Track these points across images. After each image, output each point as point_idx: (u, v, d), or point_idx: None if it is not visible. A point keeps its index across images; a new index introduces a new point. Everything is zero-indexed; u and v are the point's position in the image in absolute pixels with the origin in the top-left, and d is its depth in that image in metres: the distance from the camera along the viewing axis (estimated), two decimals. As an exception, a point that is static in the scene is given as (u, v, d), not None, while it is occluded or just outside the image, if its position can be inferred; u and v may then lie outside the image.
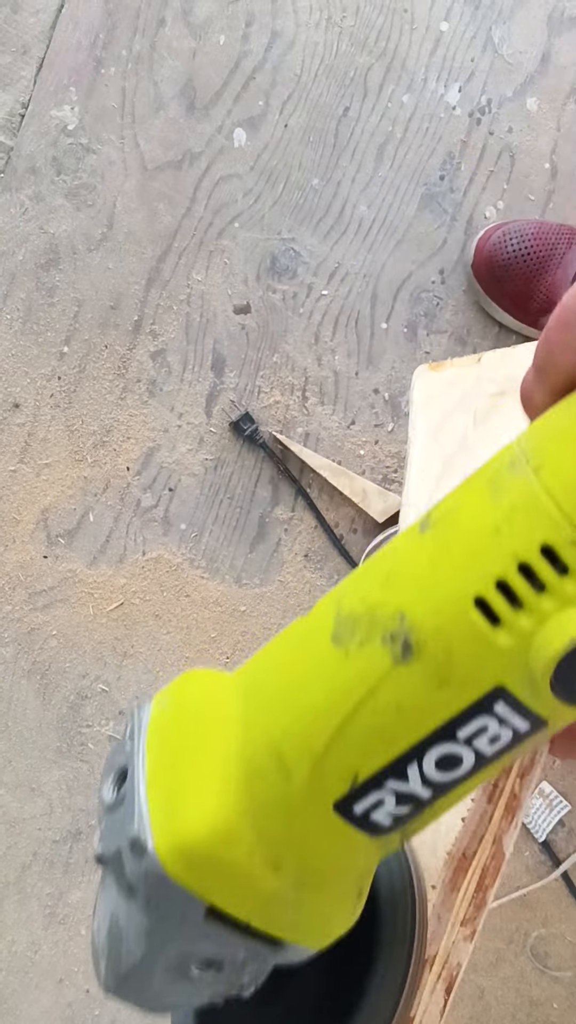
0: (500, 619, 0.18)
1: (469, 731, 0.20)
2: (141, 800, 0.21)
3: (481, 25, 0.90)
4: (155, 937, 0.22)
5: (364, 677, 0.20)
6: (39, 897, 0.86)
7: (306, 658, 0.21)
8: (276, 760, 0.21)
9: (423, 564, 0.20)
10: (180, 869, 0.20)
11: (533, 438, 0.20)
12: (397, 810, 0.21)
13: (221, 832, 0.21)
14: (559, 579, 0.18)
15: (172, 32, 0.87)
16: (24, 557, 0.85)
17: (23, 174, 0.86)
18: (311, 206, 0.88)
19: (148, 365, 0.87)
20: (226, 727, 0.22)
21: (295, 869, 0.21)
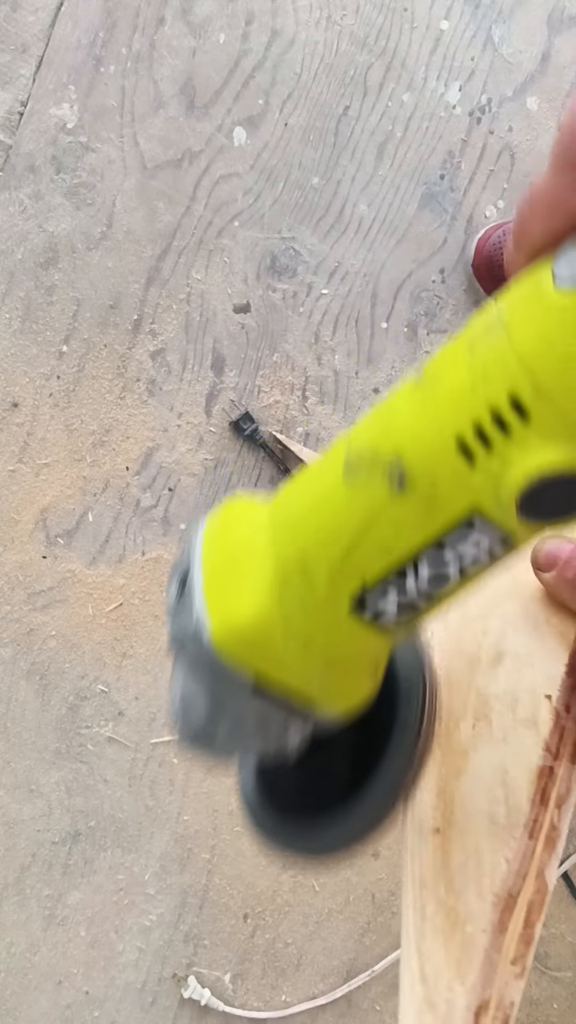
0: (475, 459, 0.22)
1: (453, 543, 0.24)
2: (199, 596, 0.27)
3: (481, 24, 0.90)
4: (214, 704, 0.28)
5: (368, 505, 0.24)
6: (38, 899, 0.85)
7: (324, 489, 0.26)
8: (301, 569, 0.26)
9: (415, 411, 0.24)
10: (230, 649, 0.26)
11: (507, 300, 0.23)
12: (398, 610, 0.26)
13: (261, 621, 0.26)
14: (522, 425, 0.22)
15: (172, 31, 0.87)
16: (23, 557, 0.85)
17: (22, 172, 0.85)
18: (311, 205, 0.88)
19: (147, 364, 0.86)
20: (262, 540, 0.27)
21: (320, 654, 0.27)
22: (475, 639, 0.38)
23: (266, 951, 0.87)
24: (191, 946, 0.86)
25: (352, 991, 0.87)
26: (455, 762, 0.37)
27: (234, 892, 0.87)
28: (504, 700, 0.36)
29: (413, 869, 0.36)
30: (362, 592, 0.26)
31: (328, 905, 0.88)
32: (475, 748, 0.36)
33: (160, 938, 0.86)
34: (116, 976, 0.86)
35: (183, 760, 0.86)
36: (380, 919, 0.89)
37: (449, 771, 0.37)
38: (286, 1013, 0.86)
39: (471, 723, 0.37)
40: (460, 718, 0.38)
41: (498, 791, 0.34)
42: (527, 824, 0.33)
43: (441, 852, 0.35)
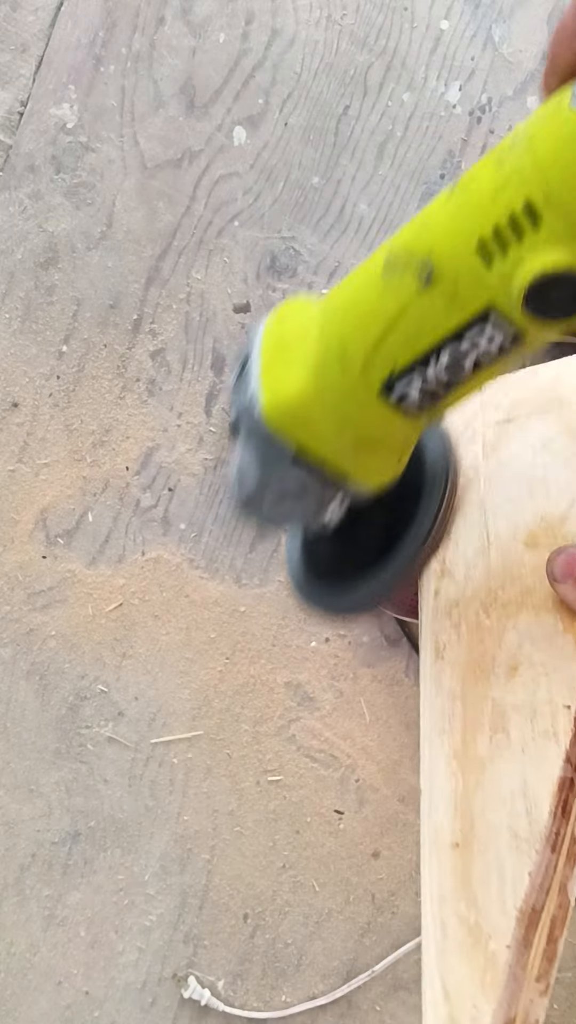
0: (492, 259, 0.25)
1: (470, 336, 0.28)
2: (255, 376, 0.31)
3: (481, 23, 0.90)
4: (263, 472, 0.33)
5: (400, 298, 0.28)
6: (38, 899, 0.85)
7: (365, 285, 0.29)
8: (340, 354, 0.30)
9: (446, 215, 0.27)
10: (277, 420, 0.31)
11: (533, 119, 0.25)
12: (420, 396, 0.30)
13: (303, 396, 0.30)
14: (533, 229, 0.24)
15: (172, 30, 0.87)
16: (23, 557, 0.85)
17: (22, 172, 0.85)
18: (311, 205, 0.88)
19: (147, 364, 0.86)
20: (310, 331, 0.31)
21: (352, 431, 0.31)
22: (490, 651, 0.38)
23: (266, 951, 0.87)
24: (191, 946, 0.86)
25: (352, 991, 0.87)
26: (473, 775, 0.36)
27: (234, 892, 0.87)
28: (522, 711, 0.36)
29: (431, 884, 0.36)
30: (390, 377, 0.29)
31: (328, 905, 0.88)
32: (492, 761, 0.36)
33: (160, 938, 0.86)
34: (116, 976, 0.86)
35: (182, 760, 0.86)
36: (380, 919, 0.89)
37: (467, 784, 0.37)
38: (286, 1013, 0.86)
39: (488, 735, 0.37)
40: (477, 731, 0.37)
41: (519, 804, 0.34)
42: (549, 837, 0.32)
43: (461, 867, 0.35)
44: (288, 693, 0.87)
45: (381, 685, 0.88)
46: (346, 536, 0.39)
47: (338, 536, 0.39)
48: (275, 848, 0.87)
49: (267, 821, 0.87)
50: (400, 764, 0.89)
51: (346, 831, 0.88)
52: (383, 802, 0.88)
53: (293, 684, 0.87)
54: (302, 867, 0.88)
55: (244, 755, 0.87)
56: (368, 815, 0.88)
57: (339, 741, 0.88)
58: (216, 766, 0.87)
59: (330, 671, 0.88)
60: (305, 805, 0.87)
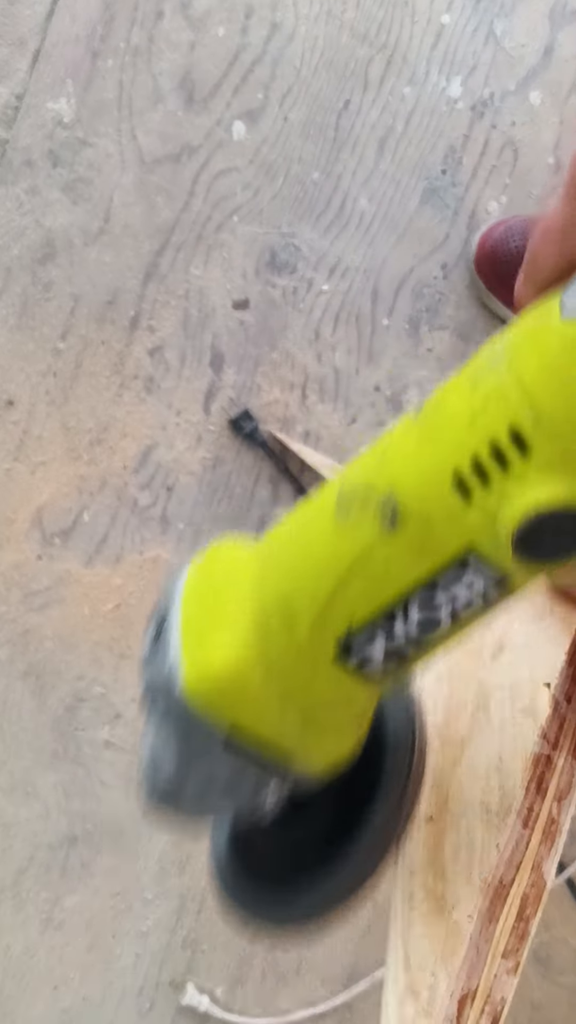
0: (471, 495, 0.22)
1: (446, 584, 0.23)
2: (175, 641, 0.26)
3: (483, 18, 0.89)
4: (184, 757, 0.26)
5: (358, 543, 0.23)
6: (35, 902, 0.84)
7: (312, 527, 0.25)
8: (285, 611, 0.25)
9: (412, 446, 0.23)
10: (203, 697, 0.25)
11: (511, 332, 0.22)
12: (385, 658, 0.25)
13: (238, 667, 0.25)
14: (522, 460, 0.21)
15: (170, 24, 0.86)
16: (19, 557, 0.84)
17: (19, 167, 0.84)
18: (311, 200, 0.87)
19: (145, 361, 0.85)
20: (245, 583, 0.26)
21: (300, 705, 0.26)
22: (479, 633, 0.38)
23: (265, 957, 0.86)
24: (189, 951, 0.85)
25: (353, 998, 0.87)
26: (452, 752, 0.36)
27: (233, 896, 0.86)
28: (504, 690, 0.35)
29: (403, 858, 0.35)
30: (348, 636, 0.24)
31: (328, 909, 0.87)
32: (472, 738, 0.36)
33: (158, 943, 0.85)
34: (113, 981, 0.85)
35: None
36: (381, 924, 0.88)
37: (445, 761, 0.36)
38: (286, 1020, 0.85)
39: (470, 714, 0.36)
40: (460, 710, 0.37)
41: (493, 779, 0.34)
42: (520, 812, 0.32)
43: (433, 840, 0.35)
44: (288, 694, 0.87)
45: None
46: (287, 825, 0.32)
47: (277, 825, 0.32)
48: (274, 851, 0.86)
49: (266, 824, 0.86)
50: (401, 766, 0.88)
51: (346, 834, 0.87)
52: (384, 804, 0.88)
53: (293, 685, 0.87)
54: (302, 870, 0.87)
55: (243, 757, 0.86)
56: (369, 818, 0.87)
57: (339, 743, 0.87)
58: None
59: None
60: (305, 807, 0.87)
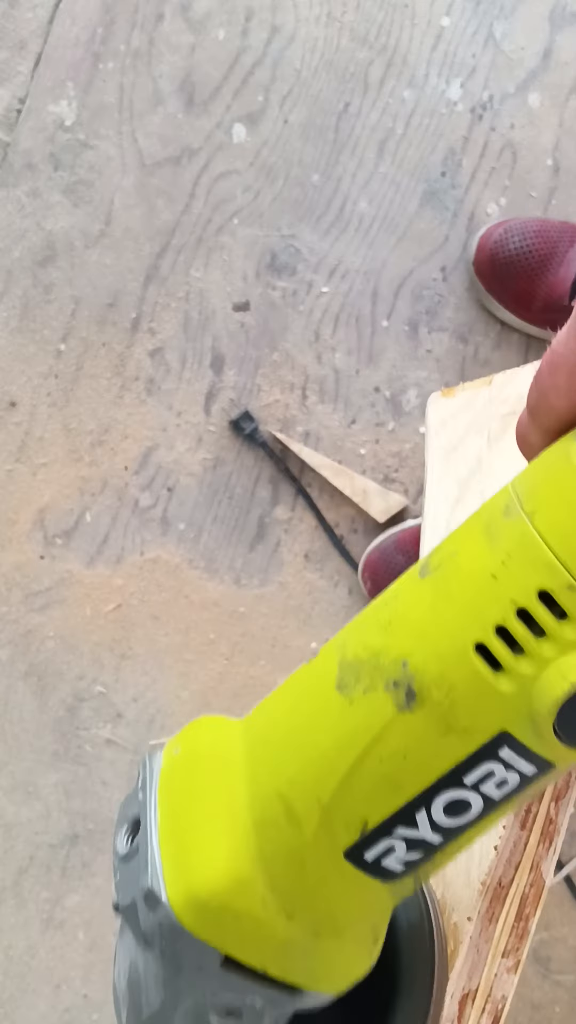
0: (502, 665, 0.19)
1: (476, 776, 0.20)
2: (154, 852, 0.21)
3: (483, 21, 0.90)
4: (173, 986, 0.22)
5: (369, 725, 0.20)
6: (36, 901, 0.85)
7: (311, 706, 0.22)
8: (284, 809, 0.21)
9: (423, 610, 0.20)
10: (194, 920, 0.21)
11: (527, 482, 0.20)
12: (408, 856, 0.21)
13: (233, 883, 0.21)
14: (558, 624, 0.18)
15: (171, 27, 0.86)
16: (21, 558, 0.85)
17: (20, 170, 0.85)
18: (311, 202, 0.87)
19: (146, 363, 0.86)
20: (235, 776, 0.22)
21: (309, 917, 0.22)
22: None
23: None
24: (190, 950, 0.86)
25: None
26: None
27: (233, 895, 0.86)
28: None
29: None
30: (361, 839, 0.21)
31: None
32: None
33: (159, 941, 0.86)
34: (114, 980, 0.85)
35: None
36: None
37: None
38: (286, 1017, 0.86)
39: None
40: None
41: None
42: (519, 814, 0.32)
43: None
44: (288, 694, 0.87)
45: (382, 686, 0.88)
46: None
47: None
48: (275, 850, 0.87)
49: (267, 823, 0.87)
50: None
51: (346, 833, 0.88)
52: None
53: (293, 685, 0.87)
54: (302, 870, 0.87)
55: (244, 757, 0.86)
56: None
57: (339, 743, 0.87)
58: None
59: (330, 672, 0.87)
60: (305, 807, 0.87)
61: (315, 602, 0.87)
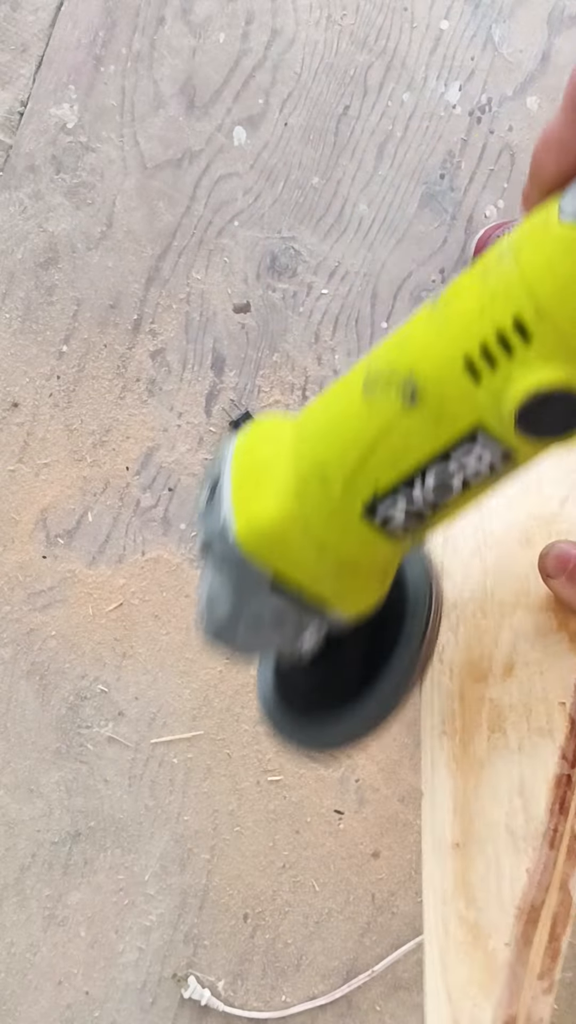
0: (480, 376, 0.24)
1: (457, 456, 0.26)
2: (227, 499, 0.30)
3: (481, 24, 0.90)
4: (236, 599, 0.31)
5: (383, 418, 0.27)
6: (38, 899, 0.85)
7: (342, 404, 0.28)
8: (320, 475, 0.28)
9: (429, 332, 0.26)
10: (252, 545, 0.29)
11: (519, 232, 0.25)
12: (406, 519, 0.28)
13: (281, 521, 0.29)
14: (524, 346, 0.24)
15: (172, 30, 0.87)
16: (23, 557, 0.85)
17: (22, 172, 0.85)
18: (311, 205, 0.88)
19: (147, 364, 0.86)
20: (285, 451, 0.30)
21: (334, 555, 0.29)
22: (487, 651, 0.38)
23: (266, 951, 0.87)
24: (191, 946, 0.86)
25: (352, 991, 0.87)
26: (472, 776, 0.36)
27: (234, 892, 0.87)
28: (518, 710, 0.35)
29: (433, 885, 0.36)
30: (373, 500, 0.28)
31: (328, 905, 0.88)
32: (491, 760, 0.36)
33: (160, 938, 0.86)
34: (116, 976, 0.86)
35: (182, 760, 0.86)
36: (380, 919, 0.89)
37: (466, 785, 0.36)
38: (286, 1013, 0.86)
39: (486, 736, 0.36)
40: (475, 731, 0.37)
41: (516, 801, 0.34)
42: (546, 834, 0.32)
43: (461, 867, 0.35)
44: (288, 693, 0.87)
45: (381, 685, 0.88)
46: (323, 665, 0.37)
47: (315, 665, 0.37)
48: (275, 848, 0.87)
49: (267, 821, 0.87)
50: (400, 764, 0.89)
51: (346, 831, 0.88)
52: (383, 802, 0.88)
53: (293, 684, 0.87)
54: (302, 867, 0.88)
55: (244, 755, 0.87)
56: (368, 815, 0.88)
57: (339, 741, 0.88)
58: (216, 766, 0.87)
59: (330, 671, 0.88)
60: (305, 805, 0.87)
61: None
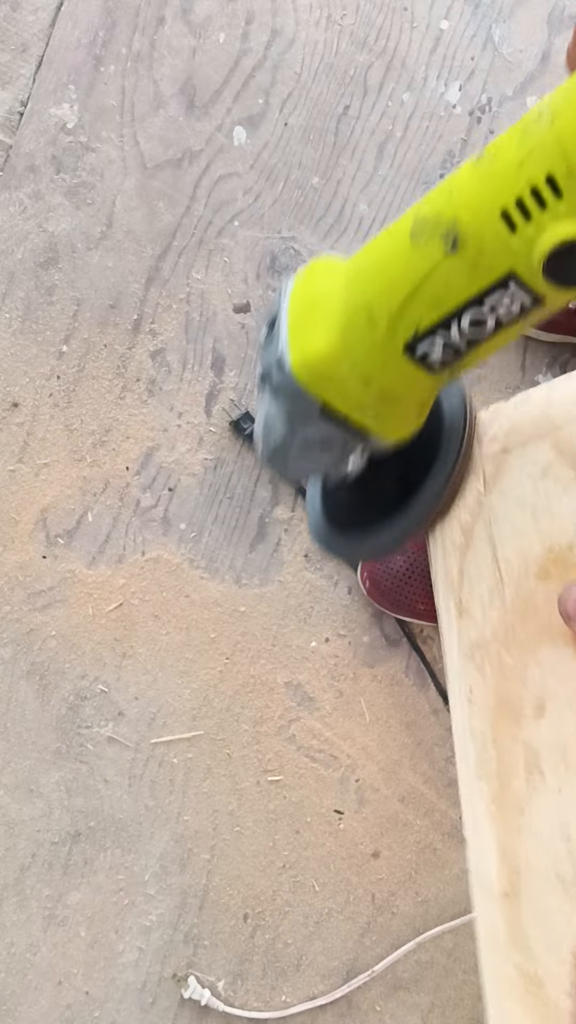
0: (515, 227, 0.27)
1: (491, 300, 0.29)
2: (284, 334, 0.33)
3: (481, 24, 0.90)
4: (290, 424, 0.34)
5: (426, 262, 0.29)
6: (38, 899, 0.85)
7: (391, 248, 0.31)
8: (367, 314, 0.31)
9: (472, 185, 0.28)
10: (305, 376, 0.33)
11: (558, 94, 0.27)
12: (443, 355, 0.32)
13: (331, 353, 0.32)
14: (555, 200, 0.26)
15: (172, 30, 0.87)
16: (23, 557, 0.85)
17: (22, 172, 0.85)
18: (311, 205, 0.88)
19: (147, 364, 0.86)
20: (336, 292, 0.33)
21: (377, 387, 0.33)
22: (516, 691, 0.37)
23: (266, 951, 0.87)
24: (191, 946, 0.86)
25: (352, 991, 0.87)
26: (513, 820, 0.36)
27: (234, 892, 0.87)
28: (554, 750, 0.35)
29: (486, 934, 0.35)
30: (414, 337, 0.31)
31: (328, 905, 0.88)
32: (531, 803, 0.35)
33: (160, 938, 0.86)
34: (116, 976, 0.86)
35: (182, 760, 0.86)
36: (380, 919, 0.89)
37: (509, 830, 0.36)
38: (286, 1013, 0.86)
39: (524, 778, 0.36)
40: (512, 774, 0.36)
41: (560, 847, 0.33)
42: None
43: (512, 915, 0.34)
44: (288, 693, 0.87)
45: (381, 685, 0.88)
46: (367, 484, 0.41)
47: (359, 485, 0.41)
48: (275, 848, 0.87)
49: (267, 821, 0.87)
50: (400, 764, 0.89)
51: (346, 831, 0.88)
52: (383, 802, 0.88)
53: (293, 684, 0.87)
54: (302, 867, 0.88)
55: (244, 755, 0.87)
56: (368, 815, 0.88)
57: (339, 741, 0.88)
58: (216, 766, 0.87)
59: (330, 671, 0.88)
60: (305, 805, 0.87)
61: (315, 601, 0.87)
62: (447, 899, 0.90)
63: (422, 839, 0.89)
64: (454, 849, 0.90)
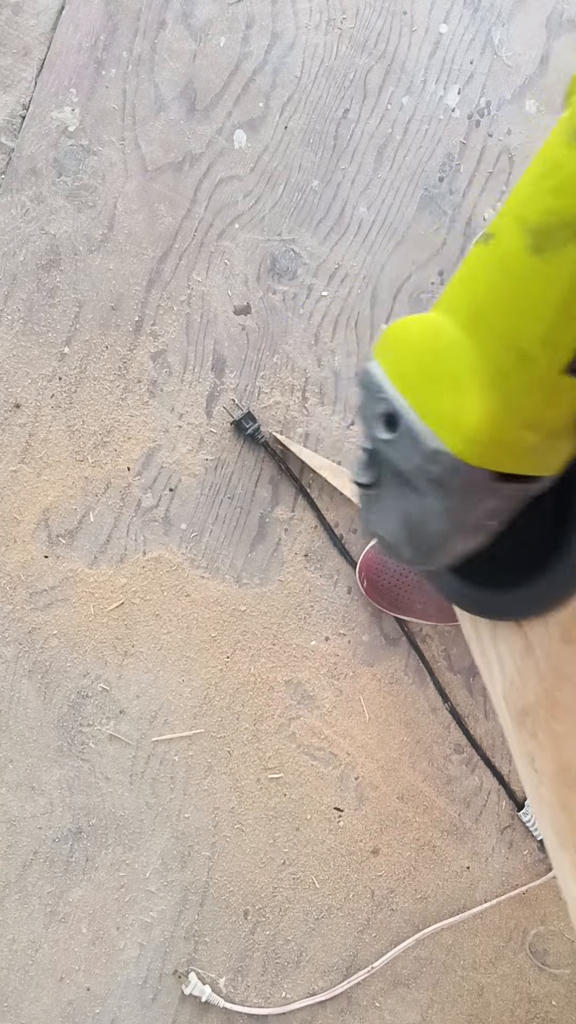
0: None
1: None
2: (420, 425, 0.29)
3: (480, 27, 0.91)
4: (456, 512, 0.30)
5: (568, 266, 0.25)
6: (40, 896, 0.86)
7: (511, 274, 0.27)
8: (516, 353, 0.27)
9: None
10: (477, 453, 0.28)
11: None
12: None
13: (494, 414, 0.28)
14: None
15: (172, 34, 0.87)
16: (25, 557, 0.86)
17: (24, 175, 0.86)
18: (311, 207, 0.89)
19: (149, 366, 0.87)
20: (457, 351, 0.28)
21: (544, 427, 0.29)
22: (572, 759, 0.37)
23: (266, 948, 0.88)
24: (192, 943, 0.87)
25: (352, 988, 0.88)
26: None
27: (234, 889, 0.87)
28: None
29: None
30: (575, 354, 0.27)
31: (328, 902, 0.89)
32: None
33: (161, 935, 0.87)
34: (117, 972, 0.86)
35: (183, 758, 0.87)
36: (379, 916, 0.89)
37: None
38: (286, 1009, 0.87)
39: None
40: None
41: None
42: None
43: None
44: (288, 691, 0.88)
45: (381, 684, 0.89)
46: (513, 529, 0.35)
47: (503, 533, 0.35)
48: (275, 845, 0.88)
49: (267, 818, 0.88)
50: (399, 762, 0.89)
51: (346, 828, 0.89)
52: (382, 800, 0.89)
53: (293, 682, 0.88)
54: (302, 864, 0.88)
55: (244, 753, 0.87)
56: (367, 812, 0.89)
57: (339, 739, 0.88)
58: (217, 764, 0.87)
59: (330, 670, 0.88)
60: (305, 802, 0.88)
61: (315, 600, 0.88)
62: (446, 896, 0.90)
63: (421, 836, 0.90)
64: (453, 846, 0.90)
